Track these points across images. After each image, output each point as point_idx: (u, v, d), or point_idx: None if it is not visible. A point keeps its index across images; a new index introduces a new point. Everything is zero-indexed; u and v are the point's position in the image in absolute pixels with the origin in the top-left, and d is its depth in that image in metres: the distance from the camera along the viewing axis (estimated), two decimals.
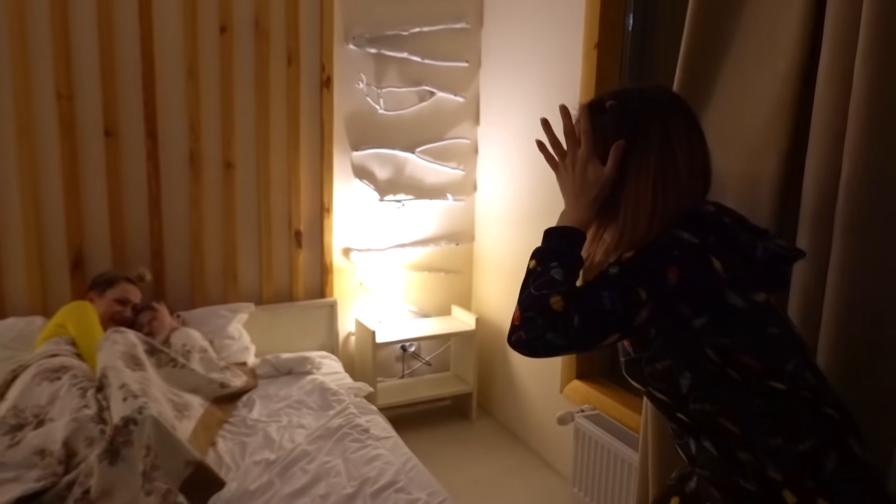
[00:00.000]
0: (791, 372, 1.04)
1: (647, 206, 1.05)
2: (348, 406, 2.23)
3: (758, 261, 1.08)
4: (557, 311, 0.98)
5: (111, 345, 1.98)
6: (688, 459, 1.15)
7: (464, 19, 3.09)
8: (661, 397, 1.10)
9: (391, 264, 3.11)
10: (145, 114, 2.61)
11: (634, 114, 1.10)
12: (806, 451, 1.01)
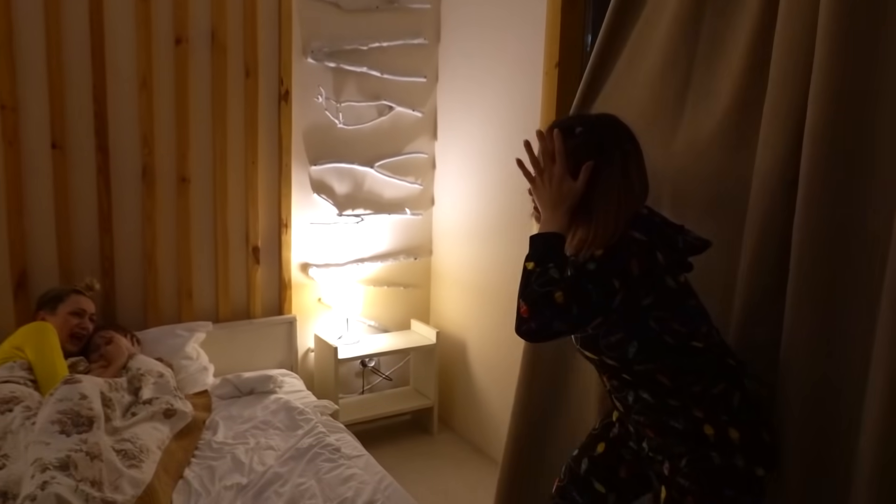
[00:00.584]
0: (704, 333, 1.36)
1: (614, 212, 1.29)
2: (316, 425, 2.19)
3: (679, 250, 1.35)
4: (560, 303, 1.22)
5: (53, 403, 1.78)
6: (624, 409, 1.44)
7: (421, 35, 3.11)
8: (611, 363, 1.37)
9: (350, 279, 3.09)
10: (96, 126, 2.51)
11: (601, 139, 1.34)
12: (719, 392, 1.33)
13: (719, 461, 1.31)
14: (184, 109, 2.65)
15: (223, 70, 2.70)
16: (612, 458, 1.56)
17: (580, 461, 1.60)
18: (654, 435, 1.39)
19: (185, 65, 2.63)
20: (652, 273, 1.29)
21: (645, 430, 1.41)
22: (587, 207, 1.31)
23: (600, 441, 1.58)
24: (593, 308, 1.25)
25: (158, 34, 2.57)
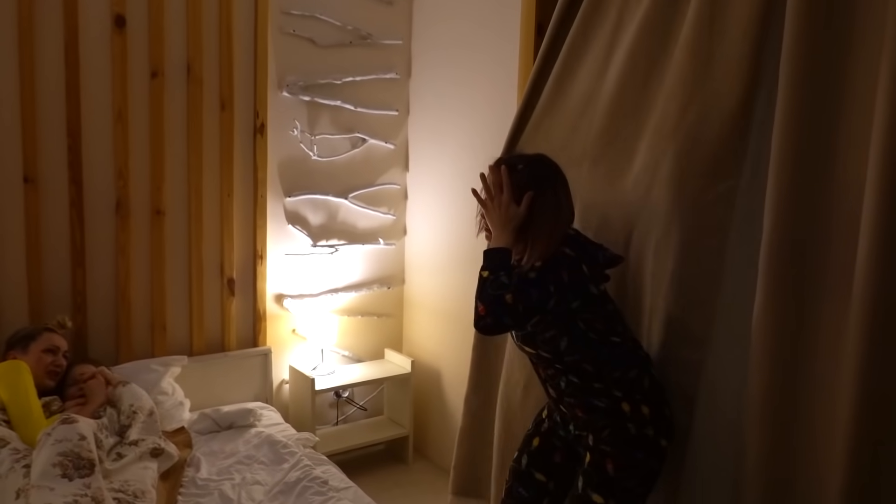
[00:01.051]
0: (620, 332, 1.67)
1: (548, 232, 1.61)
2: (301, 458, 2.20)
3: (599, 264, 1.67)
4: (510, 303, 1.52)
5: (52, 444, 1.75)
6: (557, 394, 1.72)
7: (393, 70, 3.19)
8: (546, 355, 1.67)
9: (324, 310, 3.10)
10: (70, 159, 2.49)
11: (538, 174, 1.66)
12: (633, 377, 1.64)
13: (634, 431, 1.61)
14: (159, 142, 2.64)
15: (199, 103, 2.71)
16: (546, 448, 1.83)
17: (521, 459, 1.86)
18: (582, 413, 1.67)
19: (161, 98, 2.63)
20: (579, 281, 1.60)
21: (575, 411, 1.69)
22: (528, 228, 1.62)
23: (535, 437, 1.86)
24: (535, 307, 1.55)
25: (134, 67, 2.57)
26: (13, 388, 2.02)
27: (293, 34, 2.91)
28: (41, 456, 1.70)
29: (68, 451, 1.70)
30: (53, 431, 1.78)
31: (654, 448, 1.61)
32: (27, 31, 2.36)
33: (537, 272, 1.55)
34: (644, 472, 1.61)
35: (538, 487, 1.81)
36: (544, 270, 1.56)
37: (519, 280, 1.55)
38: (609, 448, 1.61)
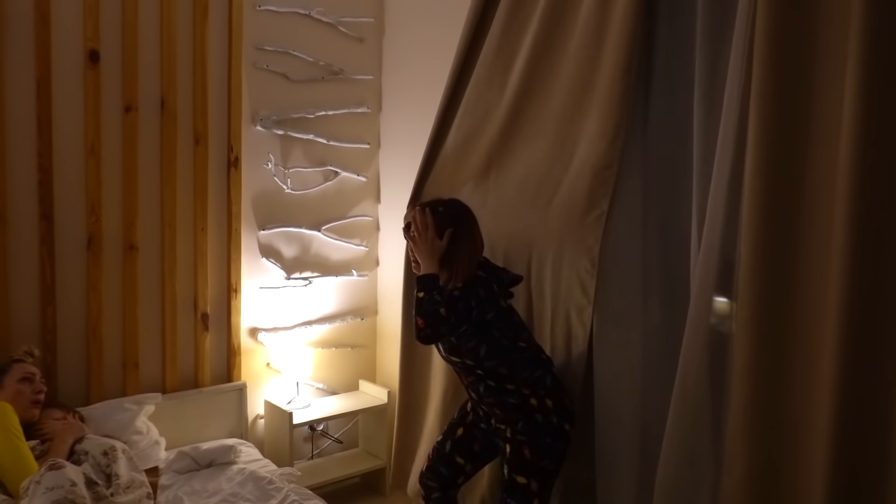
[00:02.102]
0: (526, 338, 2.07)
1: (466, 260, 2.01)
2: (288, 493, 2.18)
3: (505, 283, 2.09)
4: (444, 315, 1.91)
5: (43, 493, 1.70)
6: (478, 397, 2.10)
7: (365, 104, 3.25)
8: (469, 363, 2.02)
9: (298, 342, 3.08)
10: (40, 194, 2.44)
11: (454, 213, 2.07)
12: (538, 376, 2.03)
13: (542, 420, 1.99)
14: (132, 177, 2.62)
15: (173, 137, 2.70)
16: (468, 437, 2.22)
17: (445, 443, 2.25)
18: (500, 411, 2.05)
19: (135, 132, 2.61)
20: (492, 297, 1.99)
21: (493, 410, 2.07)
22: (450, 258, 2.01)
23: (459, 427, 2.25)
24: (462, 318, 1.92)
25: (107, 102, 2.56)
26: (3, 432, 1.93)
27: (266, 69, 2.94)
28: (35, 501, 1.64)
29: (61, 499, 1.65)
30: (42, 479, 1.73)
31: (559, 432, 2.01)
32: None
33: (460, 291, 1.95)
34: (554, 452, 2.00)
35: (457, 468, 2.23)
36: (465, 289, 1.95)
37: (447, 297, 1.93)
38: (524, 437, 1.99)
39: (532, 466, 1.97)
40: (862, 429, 1.50)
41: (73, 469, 1.80)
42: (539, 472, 1.98)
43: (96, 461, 2.05)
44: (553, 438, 2.00)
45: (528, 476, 1.97)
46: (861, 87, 1.44)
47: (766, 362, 1.65)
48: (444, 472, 2.24)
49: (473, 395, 2.13)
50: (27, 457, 1.97)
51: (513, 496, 1.99)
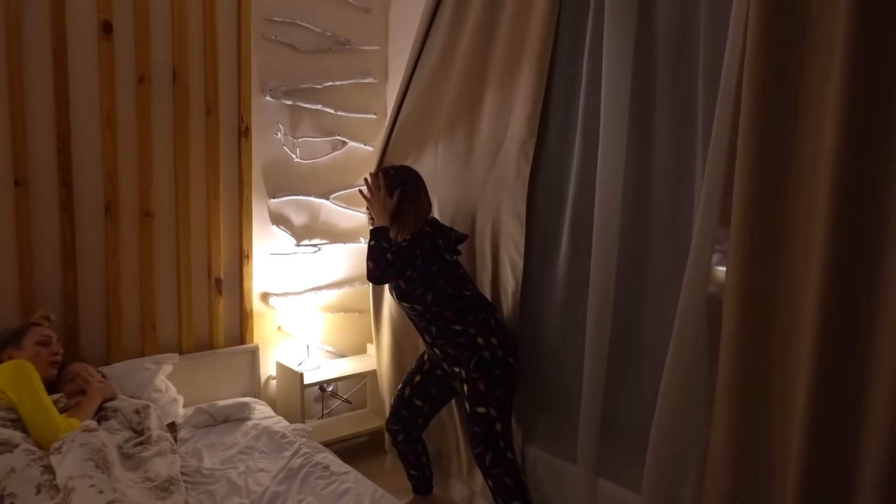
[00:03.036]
0: (471, 288, 2.38)
1: (413, 217, 2.33)
2: (301, 446, 2.30)
3: (451, 240, 2.39)
4: (391, 260, 2.22)
5: (79, 447, 1.83)
6: (431, 339, 2.38)
7: (371, 75, 3.31)
8: (418, 308, 2.33)
9: (308, 307, 3.19)
10: (59, 163, 2.53)
11: (404, 177, 2.39)
12: (482, 319, 2.33)
13: (490, 356, 2.28)
14: (147, 146, 2.70)
15: (185, 108, 2.78)
16: (425, 382, 2.53)
17: (405, 389, 2.56)
18: (452, 350, 2.33)
19: (148, 103, 2.69)
20: (436, 250, 2.29)
21: (446, 349, 2.34)
22: (399, 214, 2.33)
23: (417, 374, 2.56)
24: (406, 263, 2.23)
25: (121, 73, 2.63)
26: (23, 388, 2.05)
27: (275, 40, 3.00)
28: (71, 455, 1.77)
29: (96, 451, 1.78)
30: (77, 437, 1.85)
31: (505, 365, 2.30)
32: (14, 37, 2.39)
33: (407, 242, 2.26)
34: (504, 383, 2.29)
35: (416, 410, 2.54)
36: (412, 241, 2.26)
37: (396, 246, 2.24)
38: (477, 374, 2.27)
39: (488, 397, 2.26)
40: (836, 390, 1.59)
41: (105, 435, 1.93)
42: (495, 401, 2.27)
43: (127, 419, 2.17)
44: (501, 371, 2.29)
45: (486, 406, 2.26)
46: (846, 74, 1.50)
47: (751, 329, 1.74)
48: (405, 415, 2.54)
49: (427, 338, 2.41)
50: (51, 409, 2.09)
51: (478, 424, 2.27)
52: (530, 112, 2.38)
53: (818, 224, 1.59)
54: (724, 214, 1.83)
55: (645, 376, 2.15)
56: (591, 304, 2.22)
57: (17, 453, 1.82)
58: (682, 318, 1.93)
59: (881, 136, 1.51)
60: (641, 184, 2.20)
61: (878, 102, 1.50)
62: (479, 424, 2.26)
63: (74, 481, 1.65)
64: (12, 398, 2.03)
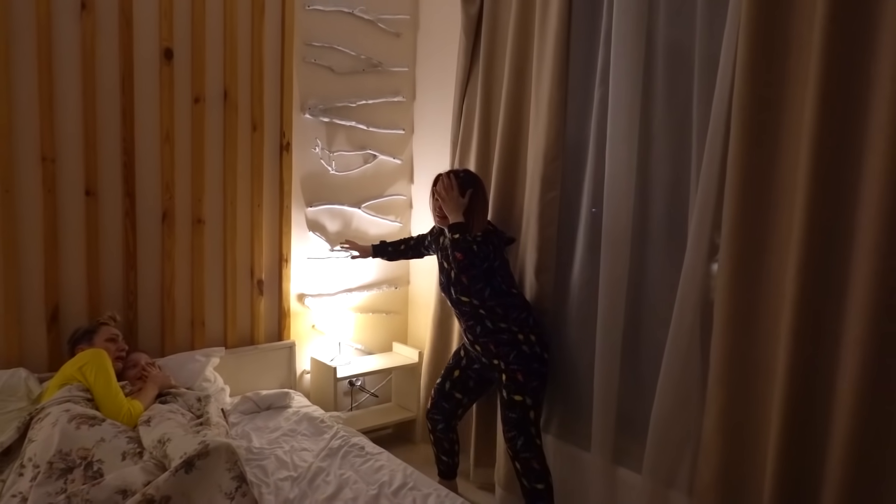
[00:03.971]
0: (516, 286, 2.65)
1: (481, 216, 2.59)
2: (338, 430, 2.57)
3: (504, 240, 2.70)
4: (476, 251, 2.45)
5: (166, 419, 2.14)
6: (474, 337, 2.61)
7: (400, 94, 3.59)
8: (476, 303, 2.55)
9: (340, 307, 3.47)
10: (124, 175, 2.83)
11: (473, 178, 2.63)
12: (524, 317, 2.57)
13: (528, 351, 2.52)
14: (200, 159, 3.00)
15: (234, 125, 3.07)
16: (464, 377, 2.78)
17: (444, 383, 2.81)
18: (494, 347, 2.55)
19: (202, 120, 2.99)
20: (500, 248, 2.58)
21: (488, 346, 2.57)
22: (469, 212, 2.53)
23: (455, 369, 2.80)
24: (486, 256, 2.48)
25: (179, 94, 2.93)
26: (103, 373, 2.35)
27: (314, 63, 3.29)
28: (161, 424, 2.06)
29: (181, 424, 2.09)
30: (163, 412, 2.20)
31: (541, 360, 2.54)
32: (89, 63, 2.70)
33: (479, 238, 2.49)
34: (540, 375, 2.53)
35: (456, 402, 2.79)
36: (482, 237, 2.49)
37: (475, 240, 2.47)
38: (516, 366, 2.51)
39: (525, 386, 2.50)
40: (809, 382, 1.84)
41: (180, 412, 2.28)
42: (531, 391, 2.51)
43: (188, 405, 2.46)
44: (538, 364, 2.53)
45: (523, 394, 2.50)
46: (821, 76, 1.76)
47: (738, 328, 1.99)
48: (447, 406, 2.79)
49: (470, 337, 2.64)
50: (118, 392, 2.37)
51: (513, 411, 2.51)
52: (555, 134, 2.64)
53: (795, 232, 1.84)
54: (716, 223, 2.08)
55: (651, 370, 2.39)
56: (602, 304, 2.48)
57: (104, 426, 2.10)
58: (678, 316, 2.19)
59: (849, 152, 1.77)
60: (644, 194, 2.46)
61: (848, 123, 1.76)
62: (515, 411, 2.50)
63: (168, 434, 1.95)
64: (89, 379, 2.33)
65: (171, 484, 1.67)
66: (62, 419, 2.09)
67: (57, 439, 2.01)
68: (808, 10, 1.84)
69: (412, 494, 2.10)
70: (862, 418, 1.73)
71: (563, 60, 2.61)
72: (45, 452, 2.00)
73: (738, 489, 2.02)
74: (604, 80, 2.52)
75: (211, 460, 1.72)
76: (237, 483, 1.72)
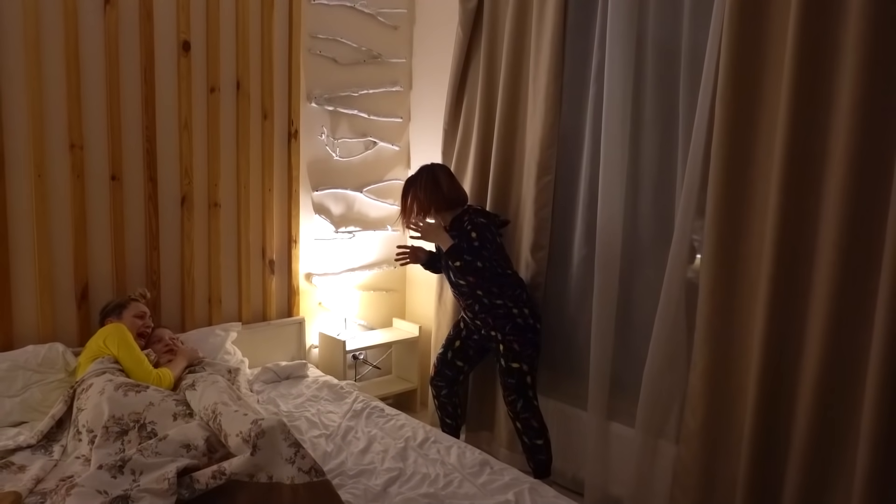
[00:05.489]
0: (511, 266, 2.87)
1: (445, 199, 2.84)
2: (357, 396, 2.81)
3: (497, 224, 2.85)
4: (480, 268, 2.69)
5: (211, 385, 2.36)
6: (473, 314, 2.85)
7: (398, 83, 3.80)
8: (472, 281, 2.73)
9: (344, 285, 3.69)
10: (146, 161, 2.99)
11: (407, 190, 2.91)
12: (518, 293, 2.79)
13: (522, 323, 2.77)
14: (215, 146, 3.17)
15: (246, 113, 3.25)
16: (464, 346, 3.02)
17: (447, 353, 3.05)
18: (491, 321, 2.79)
19: (217, 110, 3.16)
20: (494, 237, 2.75)
21: (486, 320, 2.81)
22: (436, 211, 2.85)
23: (456, 340, 3.04)
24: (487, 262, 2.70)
25: (196, 84, 3.09)
26: (124, 344, 2.54)
27: (319, 54, 3.48)
28: (208, 391, 2.27)
29: (224, 390, 2.31)
30: (207, 378, 2.42)
31: (535, 330, 2.80)
32: (113, 56, 2.84)
33: (479, 242, 2.69)
34: (533, 344, 2.79)
35: (457, 369, 3.04)
36: (481, 239, 2.69)
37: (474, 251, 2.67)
38: (512, 336, 2.76)
39: (521, 354, 2.76)
40: (781, 343, 2.15)
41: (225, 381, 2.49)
42: (526, 358, 2.77)
43: (220, 374, 2.66)
44: (532, 334, 2.79)
45: (519, 362, 2.76)
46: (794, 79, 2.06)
47: (719, 295, 2.29)
48: (449, 374, 3.05)
49: (469, 315, 2.90)
50: (144, 360, 2.56)
51: (512, 377, 2.77)
52: (550, 123, 2.90)
53: (770, 213, 2.14)
54: (700, 208, 2.38)
55: (641, 338, 2.69)
56: (598, 279, 2.76)
57: (150, 392, 2.30)
58: (667, 288, 2.48)
59: (817, 141, 2.06)
60: (636, 180, 2.74)
61: (819, 125, 2.06)
62: (514, 377, 2.76)
63: (219, 407, 2.15)
64: (112, 350, 2.52)
65: (242, 463, 1.90)
66: (108, 388, 2.27)
67: (108, 406, 2.20)
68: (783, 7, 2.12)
69: (435, 447, 2.35)
70: (825, 373, 2.05)
71: (559, 54, 2.86)
72: (98, 419, 2.19)
73: (720, 436, 2.33)
74: (598, 78, 2.78)
75: (268, 437, 1.94)
76: (294, 448, 1.95)
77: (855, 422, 2.02)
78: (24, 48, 2.63)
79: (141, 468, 1.86)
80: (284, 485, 1.87)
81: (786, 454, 2.17)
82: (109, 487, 1.77)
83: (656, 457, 2.58)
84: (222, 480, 1.86)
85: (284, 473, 1.89)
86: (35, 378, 2.60)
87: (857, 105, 1.94)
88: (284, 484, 1.87)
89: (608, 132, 2.70)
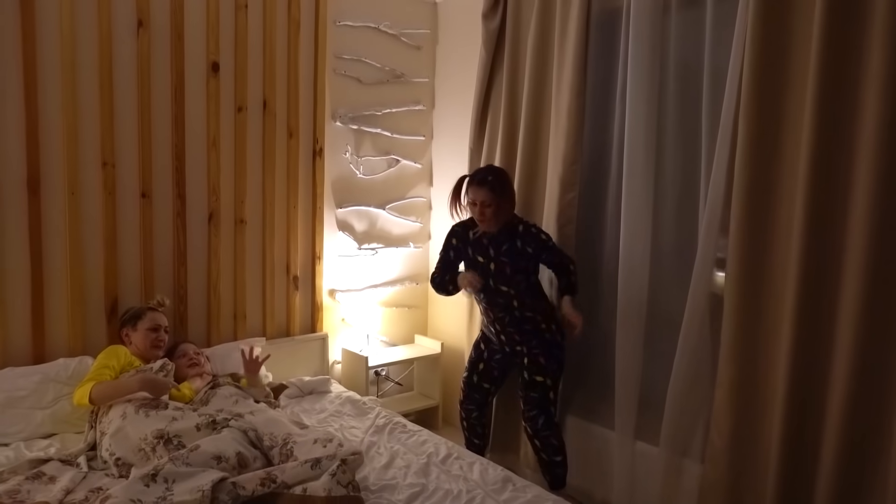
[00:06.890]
0: (537, 276, 2.82)
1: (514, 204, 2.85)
2: (379, 412, 2.82)
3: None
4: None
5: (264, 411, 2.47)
6: (501, 327, 2.82)
7: (421, 102, 3.85)
8: (513, 292, 2.73)
9: (367, 302, 3.72)
10: (175, 179, 3.05)
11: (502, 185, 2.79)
12: (545, 305, 2.80)
13: (549, 337, 2.78)
14: (242, 164, 3.24)
15: (273, 132, 3.31)
16: (488, 368, 3.00)
17: (472, 376, 3.03)
18: (518, 336, 2.80)
19: (244, 128, 3.23)
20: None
21: (513, 336, 2.80)
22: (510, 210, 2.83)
23: (479, 362, 3.02)
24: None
25: (224, 104, 3.16)
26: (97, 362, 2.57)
27: (344, 74, 3.54)
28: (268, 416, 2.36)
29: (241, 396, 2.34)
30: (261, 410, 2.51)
31: (560, 346, 2.80)
32: (145, 76, 2.92)
33: (546, 235, 2.77)
34: (559, 360, 2.80)
35: (485, 392, 3.03)
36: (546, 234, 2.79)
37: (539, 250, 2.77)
38: (538, 350, 2.78)
39: (546, 368, 2.77)
40: (807, 359, 2.13)
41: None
42: (551, 372, 2.78)
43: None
44: (558, 350, 2.80)
45: (543, 376, 2.77)
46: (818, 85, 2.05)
47: (745, 313, 2.28)
48: (477, 397, 3.04)
49: (497, 327, 2.85)
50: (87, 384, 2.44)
51: (535, 390, 2.78)
52: (574, 140, 2.92)
53: (795, 229, 2.13)
54: (724, 225, 2.37)
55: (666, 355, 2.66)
56: (622, 297, 2.75)
57: (169, 410, 2.33)
58: (691, 305, 2.47)
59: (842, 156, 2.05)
60: (660, 199, 2.74)
61: (842, 143, 2.05)
62: (537, 390, 2.77)
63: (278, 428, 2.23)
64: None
65: (296, 473, 1.96)
66: (129, 410, 2.31)
67: (131, 430, 2.23)
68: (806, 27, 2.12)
69: (458, 462, 2.35)
70: (854, 390, 2.02)
71: (582, 72, 2.88)
72: (123, 443, 2.22)
73: (746, 455, 2.31)
74: (623, 98, 2.79)
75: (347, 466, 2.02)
76: (337, 462, 1.99)
77: (886, 442, 1.99)
78: (61, 70, 2.71)
79: (174, 477, 1.89)
80: (318, 497, 1.89)
81: (814, 474, 2.14)
82: (143, 496, 1.80)
83: (681, 476, 2.55)
84: (270, 488, 1.91)
85: (321, 486, 1.91)
86: (65, 391, 2.65)
87: (882, 122, 1.93)
88: (319, 496, 1.89)
89: (631, 150, 2.71)
